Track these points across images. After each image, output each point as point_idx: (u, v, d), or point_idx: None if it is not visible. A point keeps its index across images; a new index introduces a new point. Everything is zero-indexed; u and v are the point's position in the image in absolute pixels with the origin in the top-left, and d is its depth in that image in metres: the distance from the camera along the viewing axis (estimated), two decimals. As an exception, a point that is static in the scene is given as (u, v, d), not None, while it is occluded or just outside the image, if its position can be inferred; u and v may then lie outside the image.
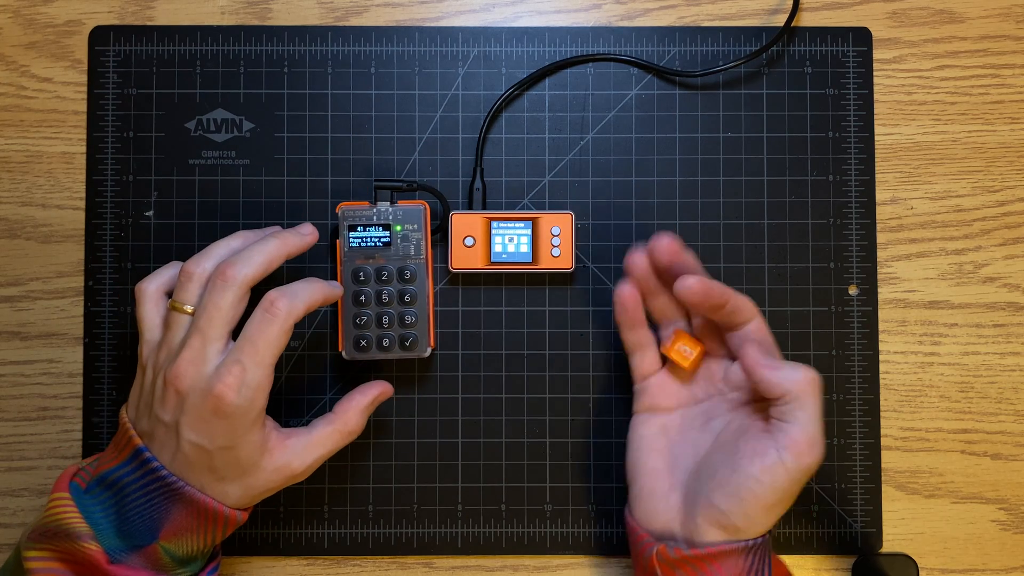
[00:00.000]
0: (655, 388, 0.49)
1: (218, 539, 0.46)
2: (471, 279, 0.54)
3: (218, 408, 0.42)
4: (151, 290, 0.47)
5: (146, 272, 0.54)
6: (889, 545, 0.54)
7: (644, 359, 0.49)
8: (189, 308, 0.44)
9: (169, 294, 0.47)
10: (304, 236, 0.47)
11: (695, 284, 0.45)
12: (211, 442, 0.43)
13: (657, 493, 0.47)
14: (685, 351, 0.48)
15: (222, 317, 0.44)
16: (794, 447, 0.43)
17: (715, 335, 0.48)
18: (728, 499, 0.44)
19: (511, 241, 0.52)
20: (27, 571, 0.43)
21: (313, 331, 0.54)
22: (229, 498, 0.45)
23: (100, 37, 0.55)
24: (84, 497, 0.44)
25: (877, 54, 0.55)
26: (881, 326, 0.55)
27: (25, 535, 0.44)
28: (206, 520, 0.44)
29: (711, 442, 0.47)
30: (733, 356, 0.48)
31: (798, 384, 0.44)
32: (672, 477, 0.47)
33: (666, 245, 0.46)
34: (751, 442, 0.45)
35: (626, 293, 0.48)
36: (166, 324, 0.45)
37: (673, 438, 0.49)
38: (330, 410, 0.48)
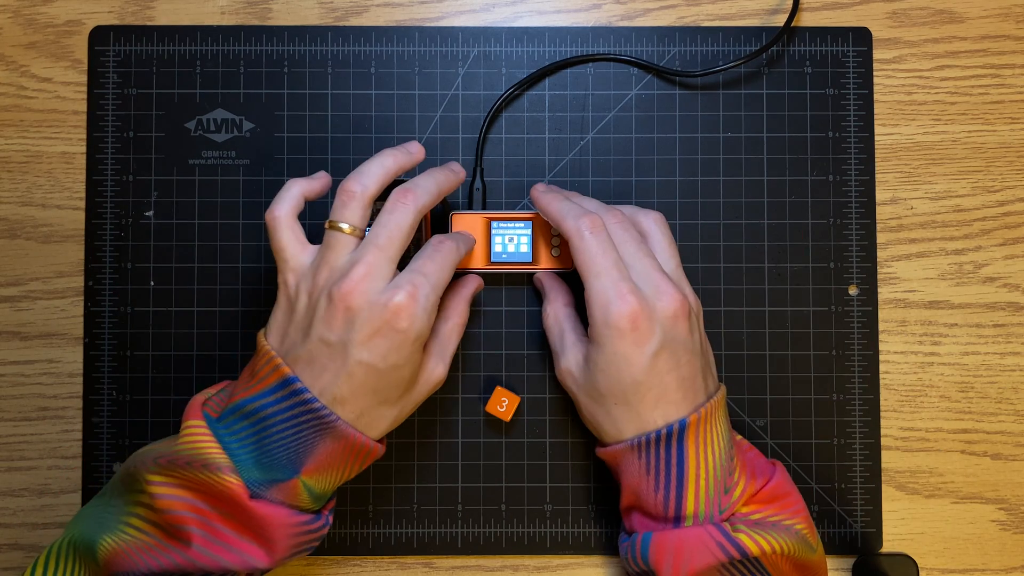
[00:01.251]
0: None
1: (355, 473, 0.45)
2: (471, 279, 0.54)
3: (395, 323, 0.41)
4: (285, 215, 0.45)
5: (146, 273, 0.54)
6: (889, 545, 0.54)
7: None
8: (348, 228, 0.43)
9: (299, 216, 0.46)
10: (458, 174, 0.48)
11: (533, 188, 0.49)
12: (383, 359, 0.42)
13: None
14: (500, 405, 0.52)
15: (402, 236, 0.43)
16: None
17: None
18: (582, 413, 0.48)
19: (511, 241, 0.52)
20: (151, 496, 0.41)
21: (313, 331, 0.54)
22: (382, 424, 0.44)
23: (100, 37, 0.55)
24: (217, 426, 0.43)
25: (877, 54, 0.55)
26: (881, 326, 0.55)
27: (145, 460, 0.43)
28: (351, 455, 0.43)
29: None
30: None
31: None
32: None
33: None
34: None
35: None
36: (326, 244, 0.44)
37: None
38: (441, 307, 0.48)
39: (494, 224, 0.52)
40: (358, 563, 0.54)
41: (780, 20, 0.56)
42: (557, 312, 0.50)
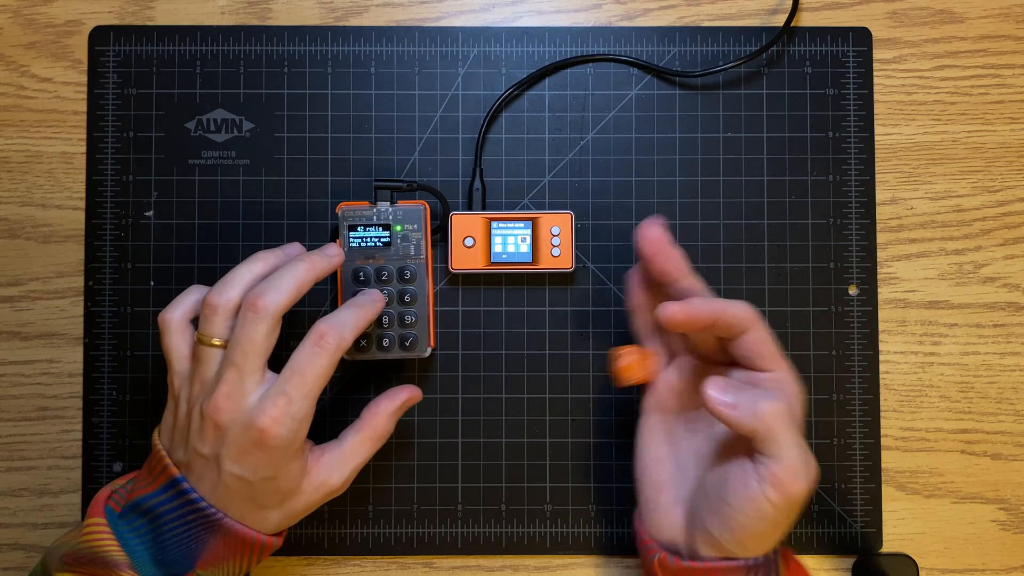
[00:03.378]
0: (661, 385, 0.48)
1: (254, 565, 0.46)
2: (471, 279, 0.54)
3: (262, 441, 0.42)
4: (175, 320, 0.45)
5: (146, 273, 0.54)
6: (889, 545, 0.54)
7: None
8: (217, 341, 0.43)
9: (194, 322, 0.45)
10: (331, 257, 0.46)
11: (677, 313, 0.43)
12: (254, 474, 0.43)
13: (661, 506, 0.47)
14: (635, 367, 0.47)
15: (256, 349, 0.42)
16: (775, 482, 0.41)
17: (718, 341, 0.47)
18: (719, 527, 0.43)
19: (511, 241, 0.52)
20: None
21: (313, 331, 0.54)
22: (269, 524, 0.45)
23: (100, 37, 0.55)
24: (119, 522, 0.44)
25: (877, 54, 0.55)
26: (881, 326, 0.55)
27: (55, 556, 0.44)
28: (244, 549, 0.44)
29: (712, 450, 0.46)
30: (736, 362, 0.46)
31: (762, 422, 0.41)
32: (675, 491, 0.47)
33: (650, 237, 0.45)
34: (736, 470, 0.43)
35: (633, 274, 0.47)
36: (195, 357, 0.44)
37: (677, 446, 0.48)
38: (359, 417, 0.48)
39: (494, 224, 0.52)
40: (358, 563, 0.54)
41: (780, 20, 0.56)
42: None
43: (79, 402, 0.54)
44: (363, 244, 0.51)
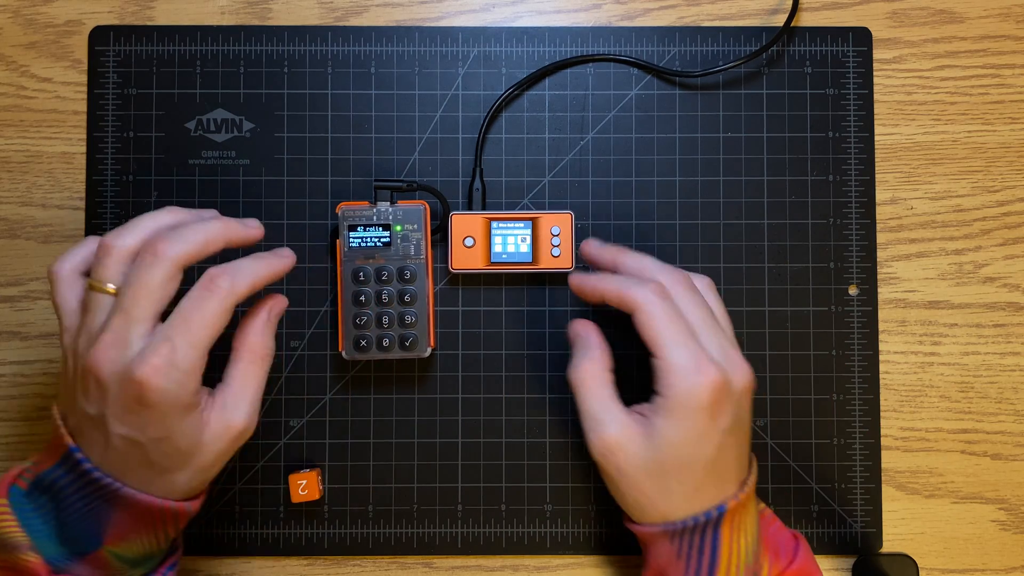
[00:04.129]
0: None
1: (171, 535, 0.42)
2: (471, 279, 0.54)
3: (143, 396, 0.38)
4: (65, 271, 0.42)
5: (146, 272, 0.54)
6: (889, 545, 0.54)
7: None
8: (111, 287, 0.40)
9: (87, 274, 0.42)
10: (249, 228, 0.43)
11: (573, 284, 0.46)
12: (143, 433, 0.39)
13: None
14: (301, 489, 0.50)
15: (149, 296, 0.39)
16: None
17: None
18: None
19: (511, 241, 0.52)
20: None
21: (313, 331, 0.54)
22: (177, 488, 0.41)
23: (100, 37, 0.55)
24: (24, 502, 0.41)
25: (877, 54, 0.55)
26: (881, 326, 0.55)
27: None
28: (152, 519, 0.41)
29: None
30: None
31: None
32: None
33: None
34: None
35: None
36: (84, 307, 0.40)
37: None
38: (231, 349, 0.43)
39: (494, 224, 0.52)
40: (358, 563, 0.54)
41: (780, 20, 0.56)
42: (596, 375, 0.45)
43: (79, 402, 0.54)
44: (363, 244, 0.51)
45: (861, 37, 0.55)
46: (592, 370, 0.45)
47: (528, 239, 0.52)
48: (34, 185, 0.55)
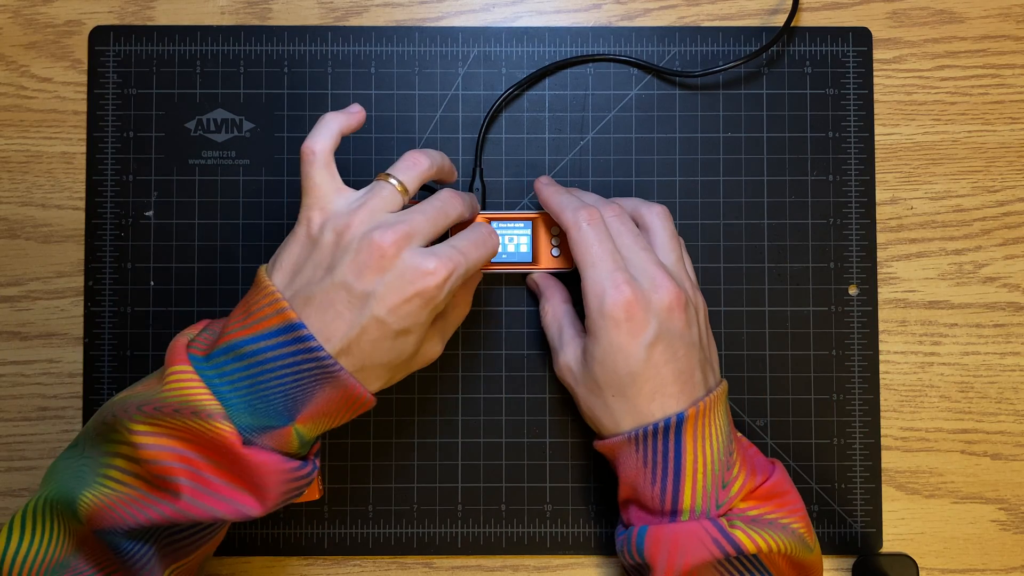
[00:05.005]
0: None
1: (345, 421, 0.44)
2: (471, 279, 0.54)
3: (426, 289, 0.41)
4: (323, 151, 0.44)
5: (146, 273, 0.54)
6: (889, 545, 0.54)
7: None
8: (399, 186, 0.43)
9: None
10: (468, 201, 0.48)
11: (536, 188, 0.50)
12: (398, 322, 0.41)
13: None
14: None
15: (445, 220, 0.44)
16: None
17: None
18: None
19: (511, 241, 0.52)
20: (136, 447, 0.39)
21: (313, 331, 0.54)
22: (374, 383, 0.43)
23: (100, 37, 0.55)
24: (206, 368, 0.41)
25: (877, 54, 0.55)
26: (881, 326, 0.55)
27: (127, 408, 0.40)
28: (348, 405, 0.42)
29: None
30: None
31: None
32: None
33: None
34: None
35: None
36: (373, 190, 0.43)
37: None
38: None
39: (494, 224, 0.52)
40: (358, 563, 0.54)
41: (780, 20, 0.56)
42: (555, 309, 0.51)
43: (79, 402, 0.54)
44: (363, 244, 0.51)
45: (861, 37, 0.55)
46: (549, 307, 0.51)
47: (528, 239, 0.52)
48: (34, 185, 0.55)
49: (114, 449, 0.41)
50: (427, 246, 0.43)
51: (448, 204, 0.44)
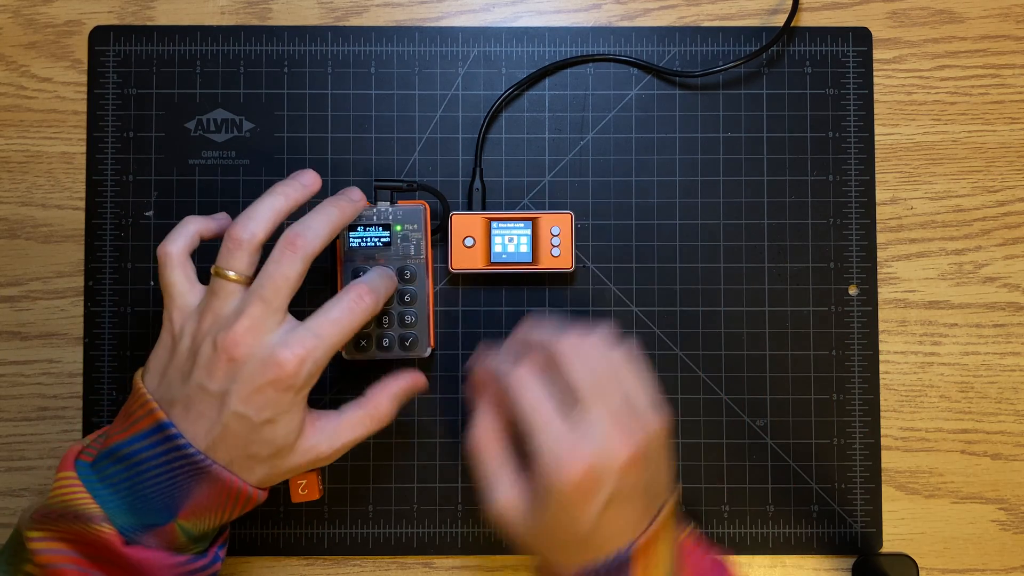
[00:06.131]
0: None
1: (235, 516, 0.44)
2: (471, 279, 0.54)
3: (279, 379, 0.41)
4: (177, 253, 0.44)
5: (146, 273, 0.54)
6: (889, 545, 0.54)
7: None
8: (235, 276, 0.42)
9: (192, 255, 0.45)
10: (356, 203, 0.46)
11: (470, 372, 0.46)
12: (258, 414, 0.41)
13: None
14: (301, 489, 0.50)
15: (288, 287, 0.42)
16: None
17: None
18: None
19: (511, 241, 0.52)
20: (31, 552, 0.41)
21: (313, 331, 0.54)
22: (253, 477, 0.43)
23: (100, 37, 0.55)
24: (90, 473, 0.42)
25: (877, 54, 0.55)
26: (881, 326, 0.55)
27: (26, 517, 0.42)
28: (229, 498, 0.42)
29: None
30: None
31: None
32: None
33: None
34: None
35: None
36: (211, 291, 0.43)
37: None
38: (361, 395, 0.46)
39: (494, 224, 0.52)
40: (358, 563, 0.54)
41: (780, 20, 0.56)
42: (488, 438, 0.44)
43: (79, 402, 0.54)
44: (363, 244, 0.51)
45: (861, 37, 0.55)
46: (481, 435, 0.44)
47: (528, 239, 0.52)
48: (34, 185, 0.55)
49: (22, 556, 0.42)
50: (284, 317, 0.42)
51: (287, 268, 0.42)
